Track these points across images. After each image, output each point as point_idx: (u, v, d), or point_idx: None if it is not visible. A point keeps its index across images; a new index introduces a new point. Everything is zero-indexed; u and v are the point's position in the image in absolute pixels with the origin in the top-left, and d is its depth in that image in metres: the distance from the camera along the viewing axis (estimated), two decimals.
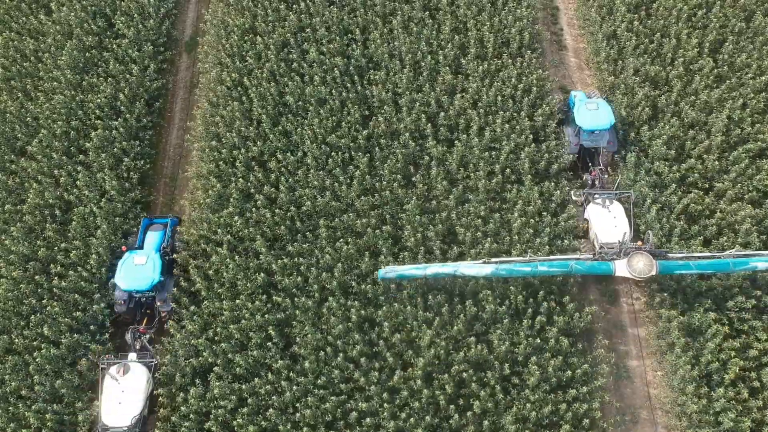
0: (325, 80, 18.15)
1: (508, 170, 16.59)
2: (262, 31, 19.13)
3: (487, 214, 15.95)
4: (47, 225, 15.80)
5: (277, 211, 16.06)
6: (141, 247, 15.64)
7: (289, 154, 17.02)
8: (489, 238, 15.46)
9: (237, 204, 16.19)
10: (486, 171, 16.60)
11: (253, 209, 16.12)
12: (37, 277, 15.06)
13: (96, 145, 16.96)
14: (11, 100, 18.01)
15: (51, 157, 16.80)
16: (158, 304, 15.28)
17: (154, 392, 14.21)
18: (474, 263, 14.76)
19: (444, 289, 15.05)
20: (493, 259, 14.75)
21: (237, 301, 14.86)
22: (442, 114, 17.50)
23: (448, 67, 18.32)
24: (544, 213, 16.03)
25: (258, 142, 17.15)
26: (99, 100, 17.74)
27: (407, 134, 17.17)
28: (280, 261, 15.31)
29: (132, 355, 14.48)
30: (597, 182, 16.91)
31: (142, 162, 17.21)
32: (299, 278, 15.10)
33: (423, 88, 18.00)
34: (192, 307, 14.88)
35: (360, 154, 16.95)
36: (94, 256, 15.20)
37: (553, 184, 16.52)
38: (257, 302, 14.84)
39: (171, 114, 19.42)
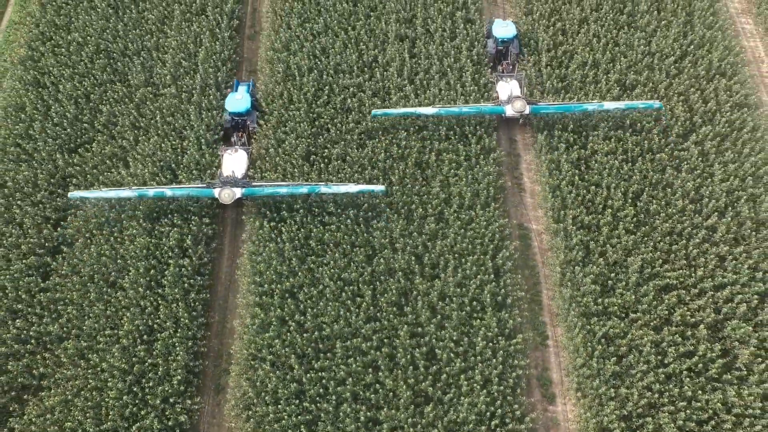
0: (339, 227, 24.10)
1: (474, 302, 22.56)
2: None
3: (459, 338, 21.87)
4: (138, 346, 21.72)
5: (305, 335, 21.98)
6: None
7: (312, 288, 22.95)
8: (459, 358, 21.39)
9: (275, 329, 22.11)
10: (458, 303, 22.51)
11: (288, 333, 22.04)
12: (134, 388, 21.01)
13: (170, 280, 22.92)
14: (105, 242, 23.97)
15: (138, 290, 22.76)
16: (248, 123, 26.96)
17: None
18: (426, 107, 25.97)
19: (425, 398, 20.96)
20: (437, 105, 25.91)
21: (279, 405, 20.77)
22: (427, 255, 23.46)
23: (432, 217, 24.30)
24: (500, 337, 21.93)
25: (290, 278, 23.09)
26: (170, 243, 23.70)
27: (400, 273, 23.10)
28: (307, 375, 21.20)
29: (237, 146, 26.11)
30: (504, 71, 28.35)
31: (204, 294, 23.17)
32: (322, 389, 21.04)
33: (413, 234, 23.97)
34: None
35: (365, 287, 22.89)
36: (176, 375, 21.09)
37: (507, 314, 22.40)
38: (292, 406, 20.76)
39: (222, 247, 25.34)
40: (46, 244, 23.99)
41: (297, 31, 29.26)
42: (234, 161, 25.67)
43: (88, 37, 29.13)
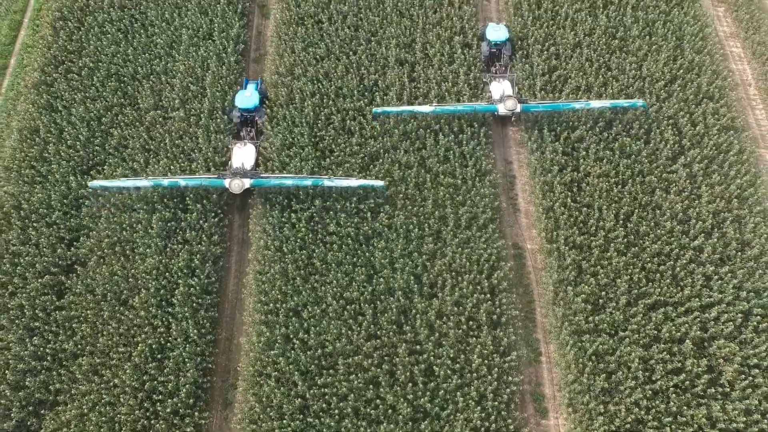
0: (341, 247, 25.14)
1: (471, 321, 23.57)
2: (296, 208, 26.22)
3: (456, 355, 22.88)
4: (150, 363, 22.75)
5: (308, 352, 23.00)
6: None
7: (315, 306, 23.97)
8: (456, 374, 22.40)
9: (280, 346, 23.13)
10: (455, 321, 23.53)
11: (292, 350, 23.06)
12: (145, 404, 22.04)
13: (180, 299, 23.96)
14: (116, 262, 25.03)
15: (149, 309, 23.81)
16: (257, 119, 28.66)
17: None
18: (423, 106, 27.60)
19: (423, 413, 21.95)
20: (434, 103, 27.47)
21: (283, 420, 21.79)
22: (425, 275, 24.49)
23: (430, 237, 25.35)
24: (495, 354, 22.94)
25: (294, 297, 24.12)
26: (180, 263, 24.76)
27: (400, 292, 24.12)
28: (311, 390, 22.23)
29: (246, 141, 28.12)
30: (497, 72, 30.18)
31: (213, 312, 24.20)
32: (324, 404, 22.05)
33: (412, 254, 25.00)
34: None
35: (366, 306, 23.90)
36: (184, 389, 22.12)
37: (502, 332, 23.41)
38: (296, 421, 21.77)
39: (229, 266, 26.39)
40: (60, 263, 25.04)
41: (301, 56, 30.36)
42: (243, 154, 27.56)
43: (99, 62, 30.25)
